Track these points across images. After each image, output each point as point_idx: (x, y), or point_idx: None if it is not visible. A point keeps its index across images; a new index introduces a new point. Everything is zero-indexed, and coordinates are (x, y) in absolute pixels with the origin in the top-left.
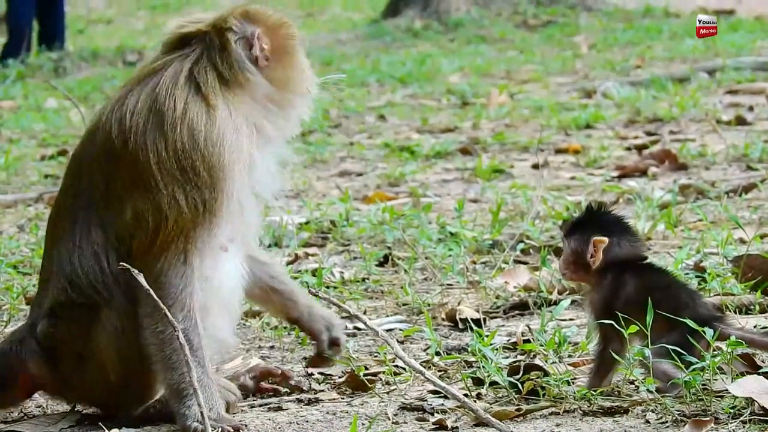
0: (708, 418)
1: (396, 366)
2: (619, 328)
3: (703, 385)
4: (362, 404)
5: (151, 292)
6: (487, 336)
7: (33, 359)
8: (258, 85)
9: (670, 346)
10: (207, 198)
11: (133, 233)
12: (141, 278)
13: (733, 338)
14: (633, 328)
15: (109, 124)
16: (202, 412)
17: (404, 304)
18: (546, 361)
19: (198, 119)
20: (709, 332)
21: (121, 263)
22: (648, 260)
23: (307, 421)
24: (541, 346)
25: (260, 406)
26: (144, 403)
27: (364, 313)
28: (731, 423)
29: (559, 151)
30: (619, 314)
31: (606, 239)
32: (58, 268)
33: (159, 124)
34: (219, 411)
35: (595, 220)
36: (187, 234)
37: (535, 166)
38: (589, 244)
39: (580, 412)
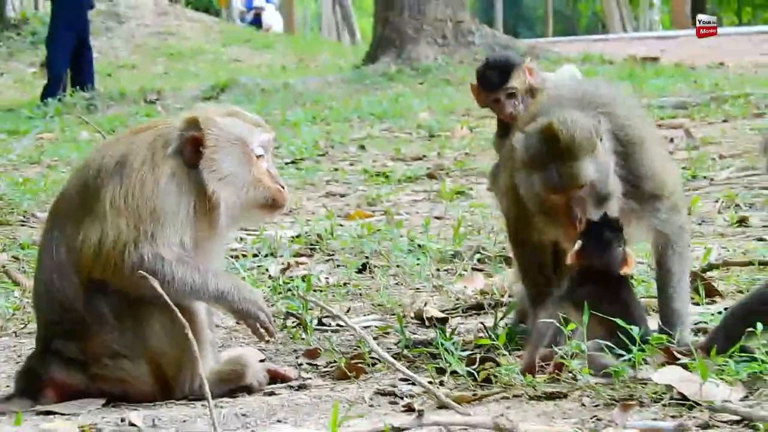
0: (634, 402)
1: (372, 358)
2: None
3: (630, 373)
4: (343, 390)
5: (163, 293)
6: (449, 332)
7: (57, 369)
8: (199, 173)
9: (601, 342)
10: (146, 228)
11: (83, 250)
12: (156, 284)
13: (655, 335)
14: (572, 326)
15: (92, 163)
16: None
17: (379, 305)
18: (498, 354)
19: (148, 176)
20: (635, 330)
21: (140, 273)
22: None
23: (297, 404)
24: (494, 341)
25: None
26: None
27: (346, 312)
28: (654, 406)
29: None
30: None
31: None
32: (42, 285)
33: (120, 172)
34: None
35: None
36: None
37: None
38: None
39: (527, 396)
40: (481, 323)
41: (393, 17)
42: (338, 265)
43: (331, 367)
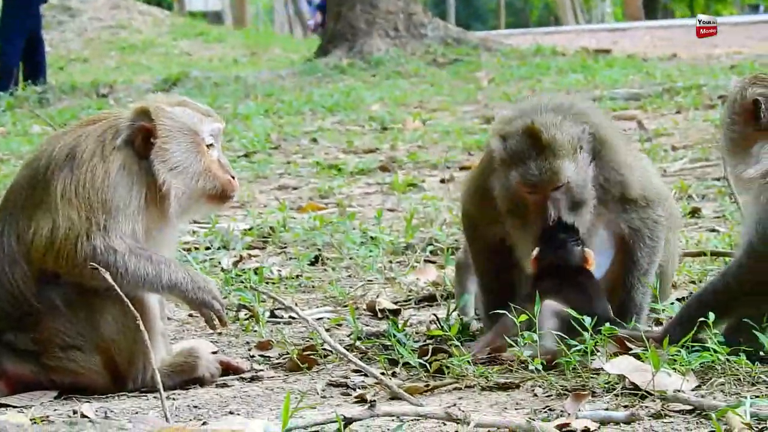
0: (586, 392)
1: (324, 349)
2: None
3: (581, 363)
4: (296, 381)
5: (115, 285)
6: (401, 324)
7: (9, 361)
8: (150, 163)
9: (554, 332)
10: (97, 219)
11: (35, 241)
12: (107, 276)
13: (607, 325)
14: (523, 317)
15: (42, 155)
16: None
17: (332, 297)
18: (450, 345)
19: (98, 167)
20: (587, 320)
21: (90, 264)
22: None
23: (249, 396)
24: (446, 332)
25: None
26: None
27: (296, 305)
28: (606, 396)
29: (463, 168)
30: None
31: None
32: None
33: (71, 164)
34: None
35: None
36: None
37: (443, 181)
38: None
39: (479, 387)
40: (434, 315)
41: (345, 10)
42: (291, 258)
43: (284, 358)
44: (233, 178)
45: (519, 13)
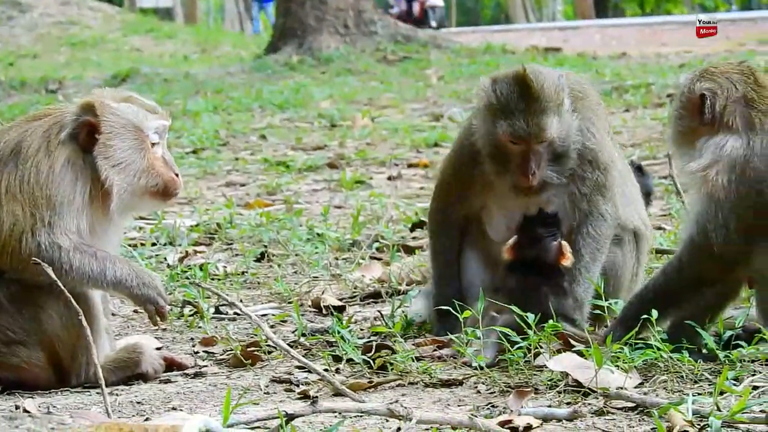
0: (529, 389)
1: (269, 346)
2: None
3: (526, 360)
4: (239, 377)
5: (57, 281)
6: (345, 320)
7: None
8: (93, 158)
9: (498, 328)
10: (42, 215)
11: None
12: (50, 271)
13: (551, 321)
14: (467, 313)
15: None
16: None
17: (277, 294)
18: (394, 342)
19: (43, 162)
20: (530, 317)
21: (33, 259)
22: None
23: (192, 392)
24: (390, 328)
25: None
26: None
27: (241, 301)
28: (549, 393)
29: (411, 166)
30: None
31: None
32: None
33: (15, 159)
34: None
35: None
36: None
37: (390, 178)
38: None
39: (422, 384)
40: (378, 311)
41: (295, 7)
42: (237, 254)
43: (228, 354)
44: (177, 175)
45: (470, 12)
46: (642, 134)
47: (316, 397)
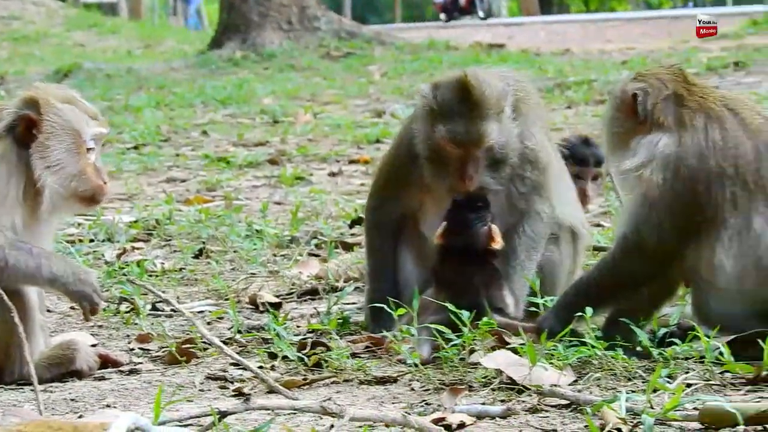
0: (463, 386)
1: (204, 342)
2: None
3: (460, 357)
4: (174, 375)
5: None
6: (282, 317)
7: None
8: (29, 155)
9: (432, 325)
10: None
11: None
12: None
13: (485, 319)
14: (401, 311)
15: None
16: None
17: (214, 290)
18: (329, 339)
19: None
20: (465, 314)
21: None
22: None
23: (127, 389)
24: (326, 325)
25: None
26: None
27: (178, 298)
28: (483, 390)
29: (352, 162)
30: None
31: None
32: None
33: None
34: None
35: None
36: None
37: (332, 174)
38: None
39: (357, 381)
40: (315, 308)
41: (239, 2)
42: (175, 251)
43: (163, 351)
44: (105, 183)
45: (416, 7)
46: (583, 131)
47: (249, 394)
